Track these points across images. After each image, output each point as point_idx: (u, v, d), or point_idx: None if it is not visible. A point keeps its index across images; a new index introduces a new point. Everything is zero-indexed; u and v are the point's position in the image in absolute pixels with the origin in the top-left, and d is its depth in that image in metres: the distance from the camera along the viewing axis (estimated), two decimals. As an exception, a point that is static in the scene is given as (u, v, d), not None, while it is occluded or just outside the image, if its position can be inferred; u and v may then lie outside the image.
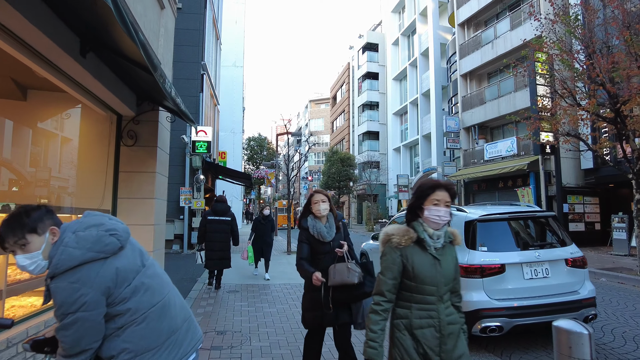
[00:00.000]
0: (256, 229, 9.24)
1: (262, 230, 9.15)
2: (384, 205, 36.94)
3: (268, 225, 9.29)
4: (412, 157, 34.92)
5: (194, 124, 5.12)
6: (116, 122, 5.12)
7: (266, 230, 9.19)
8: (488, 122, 21.30)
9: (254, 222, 9.55)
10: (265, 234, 9.12)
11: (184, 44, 14.91)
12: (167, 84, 3.82)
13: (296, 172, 15.22)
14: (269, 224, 9.32)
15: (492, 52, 20.45)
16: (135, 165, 5.13)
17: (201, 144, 13.90)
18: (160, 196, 5.40)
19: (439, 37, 31.21)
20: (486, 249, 4.67)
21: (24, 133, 3.99)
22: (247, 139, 44.97)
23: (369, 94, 39.97)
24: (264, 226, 9.20)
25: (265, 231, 9.15)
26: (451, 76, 26.53)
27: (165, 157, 5.68)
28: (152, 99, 5.09)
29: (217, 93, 19.51)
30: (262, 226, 9.20)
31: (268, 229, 9.26)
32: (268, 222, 9.32)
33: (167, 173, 5.77)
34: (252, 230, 9.35)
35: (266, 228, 9.20)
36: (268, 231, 9.23)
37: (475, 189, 21.64)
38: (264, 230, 9.16)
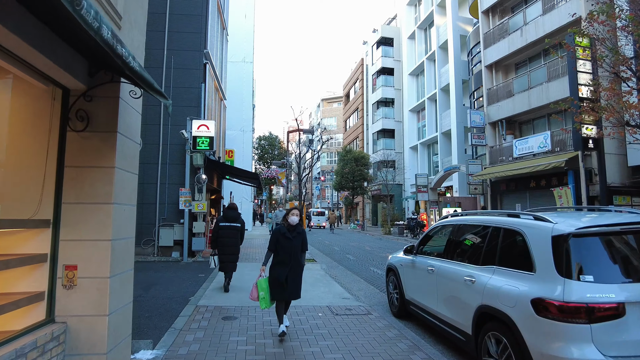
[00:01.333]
0: (278, 247, 5.23)
1: (288, 251, 5.19)
2: (400, 206, 35.29)
3: (297, 243, 5.29)
4: (430, 155, 33.22)
5: (165, 99, 3.69)
6: (61, 98, 3.72)
7: (293, 250, 5.23)
8: (516, 116, 19.58)
9: (273, 236, 5.34)
10: (292, 257, 5.20)
11: (184, 30, 13.61)
12: (104, 30, 2.42)
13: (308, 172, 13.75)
14: (298, 240, 5.31)
15: (521, 40, 18.72)
16: (87, 158, 3.73)
17: (203, 140, 12.53)
18: (124, 200, 3.99)
19: (459, 28, 29.59)
20: (592, 278, 3.14)
21: None
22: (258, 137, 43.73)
23: (384, 90, 38.36)
24: (290, 244, 5.21)
25: (293, 252, 5.23)
26: (473, 69, 24.86)
27: (133, 147, 4.26)
28: (111, 65, 3.68)
29: (223, 87, 18.17)
30: (287, 244, 5.21)
31: (297, 247, 5.30)
32: (297, 236, 5.32)
33: (135, 169, 4.35)
34: (269, 250, 5.32)
35: (293, 247, 5.24)
36: (297, 252, 5.29)
37: (503, 189, 19.92)
38: (291, 251, 5.21)
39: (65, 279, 3.58)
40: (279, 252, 5.22)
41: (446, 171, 25.01)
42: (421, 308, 5.51)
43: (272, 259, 5.31)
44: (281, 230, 5.27)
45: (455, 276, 4.60)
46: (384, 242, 20.76)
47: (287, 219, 5.28)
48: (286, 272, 5.13)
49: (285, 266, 5.15)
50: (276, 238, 5.26)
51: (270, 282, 5.16)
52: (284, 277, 5.10)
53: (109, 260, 3.65)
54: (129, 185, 4.11)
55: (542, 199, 17.50)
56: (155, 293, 7.38)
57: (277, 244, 5.23)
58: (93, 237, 3.65)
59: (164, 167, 13.09)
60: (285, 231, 5.25)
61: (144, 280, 8.72)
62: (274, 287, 5.13)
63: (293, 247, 5.24)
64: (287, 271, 5.13)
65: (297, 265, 5.27)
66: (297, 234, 5.32)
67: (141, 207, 12.96)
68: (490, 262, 4.11)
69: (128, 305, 4.13)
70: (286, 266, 5.15)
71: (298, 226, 5.33)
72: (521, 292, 3.42)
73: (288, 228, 5.28)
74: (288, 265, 5.16)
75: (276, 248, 5.25)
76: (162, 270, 10.17)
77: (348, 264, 12.41)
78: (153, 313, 6.01)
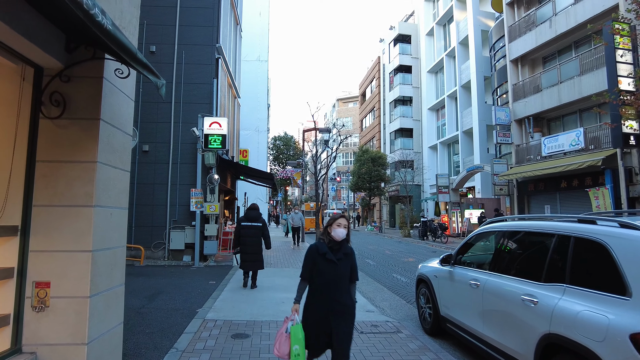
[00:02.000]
0: (315, 275, 3.40)
1: (332, 281, 3.35)
2: (419, 207, 34.27)
3: (344, 269, 3.40)
4: (450, 155, 32.13)
5: (157, 77, 3.01)
6: (32, 79, 3.08)
7: (339, 279, 3.37)
8: (545, 112, 18.49)
9: (308, 257, 3.47)
10: (337, 290, 3.35)
11: (195, 24, 13.03)
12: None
13: (325, 171, 13.03)
14: (346, 265, 3.41)
15: (551, 32, 17.65)
16: (64, 151, 3.08)
17: (215, 138, 11.91)
18: (109, 202, 3.32)
19: (480, 23, 28.51)
20: None
21: None
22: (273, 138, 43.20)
23: (402, 88, 37.39)
24: (334, 270, 3.35)
25: (339, 283, 3.36)
26: (496, 64, 23.80)
27: (123, 139, 3.59)
28: (93, 39, 3.03)
29: (237, 84, 17.58)
30: (329, 269, 3.35)
31: (344, 276, 3.40)
32: (344, 258, 3.42)
33: (126, 165, 3.68)
34: (303, 279, 3.48)
35: (339, 274, 3.37)
36: (344, 283, 3.40)
37: (530, 189, 18.85)
38: (337, 282, 3.36)
39: (35, 299, 2.92)
40: (318, 283, 3.33)
41: (469, 171, 24.00)
42: (461, 327, 4.73)
43: (307, 292, 3.44)
44: (320, 250, 3.37)
45: (508, 294, 3.81)
46: (405, 246, 19.88)
47: (330, 231, 3.40)
48: (330, 314, 3.27)
49: (327, 305, 3.28)
50: (312, 260, 3.38)
51: (306, 330, 3.25)
52: (328, 324, 3.26)
53: (89, 276, 2.98)
54: (116, 185, 3.43)
55: (574, 200, 16.43)
56: (159, 303, 6.74)
57: (315, 269, 3.35)
58: (70, 247, 2.99)
59: (174, 167, 12.53)
60: (327, 251, 3.34)
61: (150, 287, 8.11)
62: (312, 338, 3.27)
63: (339, 275, 3.31)
64: (331, 314, 3.27)
65: (344, 304, 3.32)
66: (343, 255, 3.37)
67: (152, 208, 12.48)
68: (557, 279, 3.32)
69: (116, 330, 3.45)
70: (329, 305, 3.28)
71: (344, 244, 3.43)
72: (613, 323, 2.62)
73: (330, 246, 3.37)
74: (331, 304, 3.29)
75: (312, 276, 3.38)
76: (171, 276, 9.57)
77: (368, 270, 11.63)
78: (155, 329, 5.36)
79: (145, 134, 12.57)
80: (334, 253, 3.37)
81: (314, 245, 3.51)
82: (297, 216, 17.92)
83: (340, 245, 3.41)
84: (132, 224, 12.25)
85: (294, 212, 18.35)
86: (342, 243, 3.41)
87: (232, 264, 11.81)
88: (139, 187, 12.39)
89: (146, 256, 11.99)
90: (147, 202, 12.38)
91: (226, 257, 13.35)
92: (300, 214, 18.43)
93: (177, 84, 12.76)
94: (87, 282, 2.96)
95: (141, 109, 12.63)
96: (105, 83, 3.20)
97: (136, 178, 12.42)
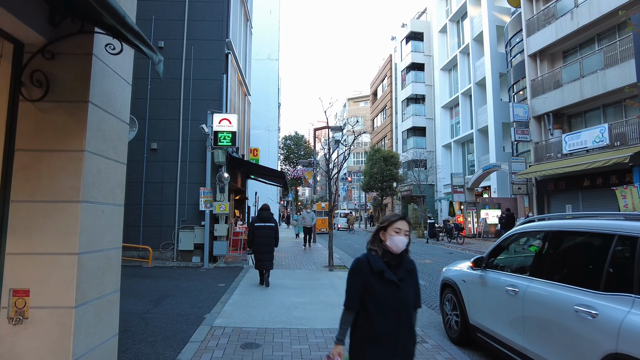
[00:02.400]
0: (368, 301, 2.34)
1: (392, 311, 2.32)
2: (432, 207, 33.59)
3: (407, 291, 2.38)
4: (465, 154, 31.42)
5: (153, 52, 2.59)
6: (11, 56, 2.68)
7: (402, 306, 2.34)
8: (565, 108, 17.79)
9: (353, 276, 2.42)
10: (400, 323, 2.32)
11: (204, 19, 12.67)
12: None
13: (339, 170, 12.56)
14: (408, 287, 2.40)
15: (572, 24, 16.95)
16: (47, 139, 2.68)
17: (224, 135, 11.52)
18: (101, 198, 2.90)
19: (495, 19, 27.82)
20: None
21: None
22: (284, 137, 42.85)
23: (414, 86, 36.74)
24: (394, 294, 2.33)
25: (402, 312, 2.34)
26: (512, 60, 23.11)
27: (117, 127, 3.18)
28: (80, 10, 2.62)
29: (247, 81, 17.21)
30: (387, 294, 2.32)
31: (408, 301, 2.37)
32: (407, 277, 2.40)
33: (121, 156, 3.27)
34: (348, 308, 2.40)
35: (402, 299, 2.34)
36: (408, 311, 2.38)
37: (550, 188, 18.15)
38: (399, 310, 2.33)
39: (12, 310, 2.52)
40: (372, 314, 2.31)
41: (485, 170, 23.34)
42: (495, 338, 4.23)
43: (356, 325, 2.39)
44: (374, 266, 2.34)
45: (556, 303, 3.31)
46: (419, 247, 19.32)
47: (384, 239, 2.39)
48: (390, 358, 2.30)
49: (387, 346, 2.29)
50: (362, 282, 2.35)
51: None
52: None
53: (75, 283, 2.56)
54: (109, 178, 3.02)
55: (598, 199, 15.73)
56: (166, 308, 6.35)
57: (367, 295, 2.34)
58: (53, 249, 2.58)
59: (183, 165, 12.18)
60: (383, 268, 2.34)
61: (156, 290, 7.73)
62: None
63: (402, 301, 2.34)
64: (392, 357, 2.30)
65: (408, 344, 2.37)
66: (406, 273, 2.39)
67: (160, 208, 12.14)
68: (621, 287, 2.82)
69: (109, 343, 3.03)
70: (389, 345, 2.30)
71: (405, 257, 2.42)
72: None
73: (387, 260, 2.36)
74: (392, 344, 2.30)
75: (364, 303, 2.35)
76: (179, 278, 9.19)
77: (384, 272, 11.14)
78: (158, 337, 4.95)
79: (153, 132, 12.26)
80: (393, 271, 2.33)
81: (362, 259, 2.38)
82: (309, 215, 17.34)
83: (400, 260, 2.37)
84: (140, 224, 11.94)
85: (306, 212, 17.74)
86: (402, 256, 2.38)
87: (242, 265, 11.42)
88: (147, 185, 12.08)
89: (154, 257, 11.65)
90: (156, 202, 12.05)
91: (236, 258, 12.96)
92: (312, 213, 17.88)
93: (186, 80, 12.41)
94: (72, 289, 2.54)
95: (149, 105, 12.32)
96: (95, 61, 2.78)
97: (144, 176, 12.11)
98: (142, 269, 10.57)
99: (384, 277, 2.32)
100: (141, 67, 12.34)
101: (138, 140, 12.18)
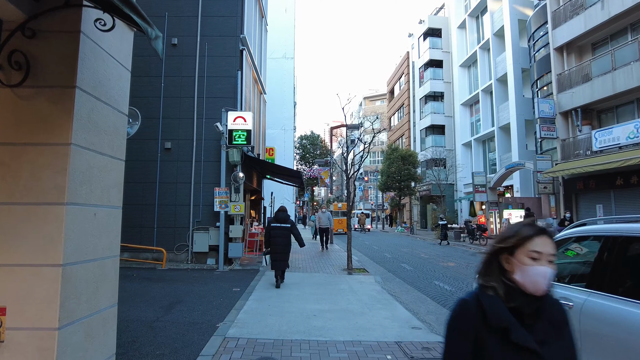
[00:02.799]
0: None
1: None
2: (452, 207, 32.78)
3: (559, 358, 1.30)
4: (485, 152, 30.53)
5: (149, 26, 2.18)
6: (-13, 34, 2.31)
7: None
8: (595, 103, 16.91)
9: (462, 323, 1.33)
10: None
11: (218, 14, 12.36)
12: None
13: (358, 168, 12.09)
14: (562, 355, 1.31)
15: (603, 14, 16.09)
16: (28, 130, 2.30)
17: (239, 134, 11.18)
18: (92, 199, 2.51)
19: (517, 12, 26.92)
20: None
21: None
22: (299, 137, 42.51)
23: (432, 83, 35.94)
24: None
25: None
26: (535, 55, 22.25)
27: (113, 118, 2.78)
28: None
29: (262, 79, 16.87)
30: None
31: None
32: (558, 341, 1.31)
33: (119, 152, 2.87)
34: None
35: None
36: None
37: (579, 188, 17.30)
38: None
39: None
40: None
41: (508, 169, 22.52)
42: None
43: None
44: (491, 318, 1.28)
45: (626, 322, 2.79)
46: (440, 249, 18.69)
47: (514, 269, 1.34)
48: None
49: None
50: (472, 342, 1.30)
51: None
52: None
53: (58, 300, 2.17)
54: (103, 176, 2.62)
55: (632, 199, 14.88)
56: (176, 315, 5.99)
57: None
58: (33, 260, 2.20)
59: (198, 165, 11.88)
60: (508, 320, 1.28)
61: (168, 295, 7.39)
62: None
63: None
64: None
65: None
66: (551, 328, 1.32)
67: (174, 208, 11.86)
68: None
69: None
70: None
71: (549, 301, 1.35)
72: None
73: (516, 307, 1.30)
74: None
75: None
76: (192, 282, 8.86)
77: (405, 276, 10.63)
78: (166, 349, 4.58)
79: (167, 131, 12.00)
80: (527, 326, 1.29)
81: (470, 303, 1.35)
82: (325, 215, 16.57)
83: (539, 305, 1.32)
84: (154, 225, 11.69)
85: (321, 212, 16.92)
86: (544, 300, 1.33)
87: (258, 268, 11.05)
88: (161, 186, 11.82)
89: (169, 259, 11.38)
90: (170, 202, 11.78)
91: (252, 260, 12.61)
92: (328, 213, 17.19)
93: (200, 77, 12.12)
94: (55, 308, 2.16)
95: (163, 104, 12.06)
96: (83, 40, 2.40)
97: (158, 177, 11.86)
98: (155, 271, 10.29)
99: (510, 340, 1.26)
100: (154, 64, 12.11)
101: (152, 140, 11.95)
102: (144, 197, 11.76)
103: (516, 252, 1.35)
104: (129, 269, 10.50)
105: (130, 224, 11.64)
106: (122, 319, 5.66)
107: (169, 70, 12.14)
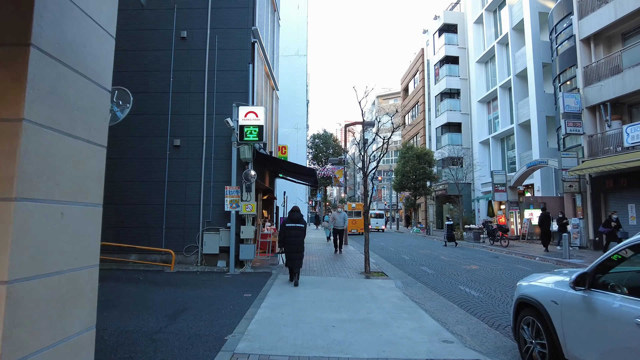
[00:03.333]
0: None
1: None
2: (469, 207, 31.86)
3: None
4: (504, 150, 29.57)
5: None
6: None
7: None
8: (626, 96, 15.99)
9: None
10: None
11: (229, 5, 11.83)
12: None
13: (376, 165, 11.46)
14: None
15: (635, 2, 15.14)
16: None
17: (251, 130, 10.64)
18: (53, 195, 1.94)
19: (537, 5, 25.97)
20: None
21: None
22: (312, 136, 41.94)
23: (448, 80, 35.04)
24: None
25: None
26: (558, 48, 21.30)
27: (87, 91, 2.21)
28: None
29: (275, 74, 16.33)
30: None
31: None
32: None
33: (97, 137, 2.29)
34: None
35: None
36: None
37: (608, 186, 16.39)
38: None
39: None
40: None
41: (529, 167, 21.63)
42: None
43: None
44: None
45: None
46: (461, 251, 17.92)
47: None
48: None
49: None
50: None
51: None
52: None
53: (0, 329, 1.60)
54: (76, 165, 2.05)
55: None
56: (181, 326, 5.44)
57: None
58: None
59: (208, 163, 11.38)
60: None
61: (174, 301, 6.86)
62: None
63: None
64: None
65: None
66: None
67: (183, 208, 11.37)
68: None
69: (72, 408, 2.07)
70: None
71: None
72: None
73: None
74: None
75: None
76: (201, 286, 8.33)
77: (427, 280, 9.96)
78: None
79: (176, 127, 11.54)
80: None
81: None
82: (340, 216, 15.62)
83: None
84: (162, 225, 11.23)
85: (336, 212, 15.98)
86: None
87: (270, 271, 10.50)
88: (169, 184, 11.35)
89: (177, 261, 10.90)
90: (179, 202, 11.30)
91: (264, 262, 12.07)
92: (344, 213, 16.34)
93: (210, 71, 11.61)
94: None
95: (172, 99, 11.59)
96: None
97: (167, 175, 11.40)
98: (163, 274, 9.80)
99: None
100: (163, 58, 11.66)
101: (160, 137, 11.50)
102: (152, 197, 11.31)
103: None
104: (136, 272, 10.04)
105: (137, 225, 11.21)
106: (121, 330, 5.14)
107: (178, 64, 11.67)
